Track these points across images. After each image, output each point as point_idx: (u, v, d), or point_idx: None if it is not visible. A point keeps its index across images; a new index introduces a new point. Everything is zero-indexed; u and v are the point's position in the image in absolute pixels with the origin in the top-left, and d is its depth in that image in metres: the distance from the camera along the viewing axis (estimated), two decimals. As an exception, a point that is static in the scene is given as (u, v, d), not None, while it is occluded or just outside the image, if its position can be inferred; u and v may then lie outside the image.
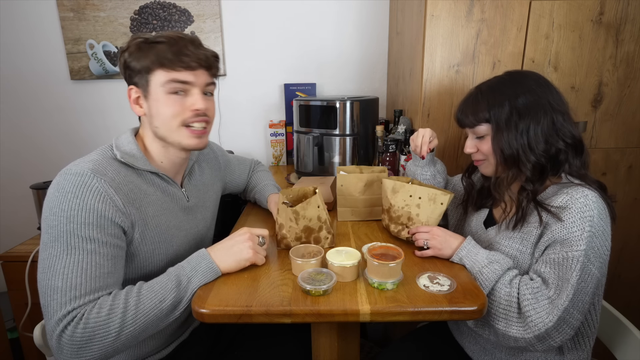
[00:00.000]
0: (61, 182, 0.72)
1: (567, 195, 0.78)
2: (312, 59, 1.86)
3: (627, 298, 1.41)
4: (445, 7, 1.20)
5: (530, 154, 0.81)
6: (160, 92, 0.79)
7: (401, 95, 1.58)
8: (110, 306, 0.69)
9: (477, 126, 0.88)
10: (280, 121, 1.86)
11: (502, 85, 0.86)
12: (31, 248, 1.44)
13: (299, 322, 0.70)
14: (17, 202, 1.96)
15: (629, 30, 1.22)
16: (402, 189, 0.93)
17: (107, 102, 1.87)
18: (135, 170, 0.82)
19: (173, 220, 0.87)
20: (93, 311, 0.68)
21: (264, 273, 0.81)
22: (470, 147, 0.91)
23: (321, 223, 0.90)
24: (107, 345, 0.69)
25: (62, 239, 0.69)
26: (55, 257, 0.69)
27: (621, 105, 1.29)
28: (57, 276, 0.68)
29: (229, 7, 1.80)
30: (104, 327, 0.68)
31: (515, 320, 0.76)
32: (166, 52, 0.78)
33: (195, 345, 0.96)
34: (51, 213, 0.71)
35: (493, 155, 0.87)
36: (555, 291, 0.75)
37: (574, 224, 0.75)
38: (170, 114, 0.80)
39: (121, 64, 0.82)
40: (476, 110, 0.87)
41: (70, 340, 0.67)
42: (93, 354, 0.68)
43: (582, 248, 0.74)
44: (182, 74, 0.79)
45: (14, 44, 1.82)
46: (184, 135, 0.83)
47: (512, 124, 0.82)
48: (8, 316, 1.66)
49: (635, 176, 1.35)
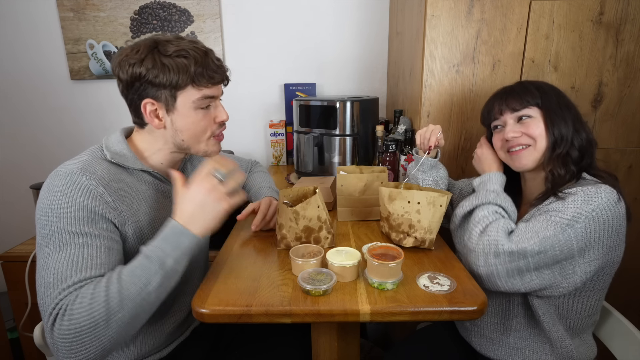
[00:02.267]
0: (51, 183, 0.73)
1: (582, 185, 0.80)
2: (312, 59, 1.86)
3: (627, 298, 1.41)
4: (445, 7, 1.20)
5: (578, 138, 0.87)
6: (189, 107, 0.80)
7: (401, 95, 1.58)
8: (92, 295, 0.65)
9: (525, 108, 0.90)
10: (280, 121, 1.86)
11: (542, 83, 0.94)
12: (31, 248, 1.44)
13: (299, 322, 0.70)
14: (17, 202, 1.97)
15: (629, 30, 1.22)
16: (399, 196, 0.91)
17: (107, 102, 1.87)
18: (125, 169, 0.82)
19: (166, 216, 0.86)
20: (76, 302, 0.65)
21: (264, 273, 0.81)
22: (514, 132, 0.91)
23: (321, 223, 0.90)
24: (99, 337, 0.65)
25: (54, 237, 0.70)
26: (48, 256, 0.69)
27: (621, 105, 1.29)
28: (49, 273, 0.68)
29: (229, 7, 1.80)
30: (88, 317, 0.64)
31: (477, 236, 0.84)
32: (196, 69, 0.78)
33: (196, 345, 0.96)
34: (42, 214, 0.71)
35: (544, 136, 0.88)
36: (520, 233, 0.80)
37: (574, 202, 0.77)
38: (202, 129, 0.84)
39: (132, 75, 0.77)
40: (526, 94, 0.90)
41: (60, 335, 0.64)
42: (88, 348, 0.65)
43: (568, 217, 0.76)
44: (211, 90, 0.82)
45: (14, 44, 1.82)
46: (212, 144, 0.88)
47: (562, 112, 0.88)
48: (8, 316, 1.66)
49: (635, 176, 1.35)
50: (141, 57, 0.76)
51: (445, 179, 1.12)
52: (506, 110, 0.92)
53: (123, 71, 0.77)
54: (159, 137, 0.84)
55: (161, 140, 0.85)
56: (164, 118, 0.81)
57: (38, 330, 0.86)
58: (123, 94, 0.81)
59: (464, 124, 1.30)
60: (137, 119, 0.84)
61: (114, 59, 0.80)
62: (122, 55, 0.78)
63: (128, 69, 0.76)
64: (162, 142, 0.85)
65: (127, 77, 0.77)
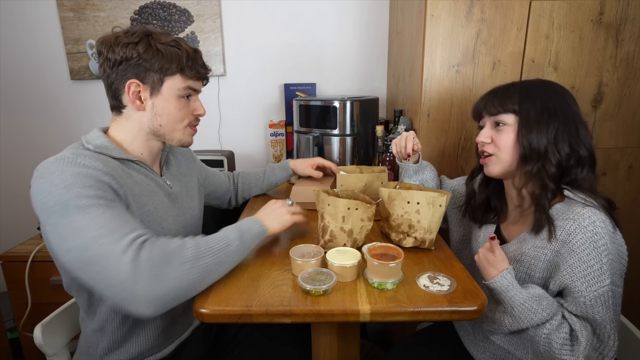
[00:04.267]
0: (42, 170, 0.70)
1: (575, 222, 0.76)
2: (312, 59, 1.86)
3: (627, 298, 1.41)
4: (445, 7, 1.20)
5: (556, 151, 0.80)
6: (173, 94, 0.84)
7: (401, 95, 1.58)
8: (180, 239, 0.71)
9: (501, 114, 0.85)
10: (280, 121, 1.86)
11: (534, 85, 0.86)
12: (31, 248, 1.44)
13: (298, 322, 0.70)
14: (17, 202, 1.97)
15: (629, 30, 1.22)
16: (399, 197, 0.90)
17: (106, 102, 1.85)
18: (113, 158, 0.81)
19: (159, 204, 0.86)
20: (161, 239, 0.69)
21: (264, 273, 0.81)
22: (485, 137, 0.87)
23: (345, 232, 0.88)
24: (184, 271, 0.66)
25: (71, 205, 0.66)
26: (74, 222, 0.65)
27: (621, 105, 1.29)
28: (89, 229, 0.65)
29: (229, 7, 1.80)
30: (178, 249, 0.68)
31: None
32: (187, 61, 0.83)
33: (196, 345, 0.96)
34: (46, 194, 0.67)
35: (509, 150, 0.84)
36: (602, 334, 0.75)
37: (590, 257, 0.74)
38: (181, 117, 0.87)
39: (124, 55, 0.79)
40: (505, 99, 0.84)
41: (150, 260, 0.64)
42: (171, 278, 0.65)
43: (607, 282, 0.74)
44: (195, 83, 0.88)
45: (14, 44, 1.82)
46: (188, 133, 0.91)
47: (542, 121, 0.81)
48: (8, 316, 1.66)
49: (635, 176, 1.35)
50: (135, 40, 0.79)
51: (432, 180, 1.12)
52: (485, 113, 0.89)
53: (113, 51, 0.79)
54: (134, 122, 0.85)
55: (137, 125, 0.85)
56: (146, 101, 0.83)
57: (38, 331, 0.86)
58: (104, 73, 0.83)
59: (464, 124, 1.30)
60: (115, 101, 0.85)
61: (100, 39, 0.81)
62: (112, 36, 0.80)
63: (120, 49, 0.79)
64: (137, 126, 0.85)
65: (116, 57, 0.79)
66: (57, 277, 1.42)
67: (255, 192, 1.30)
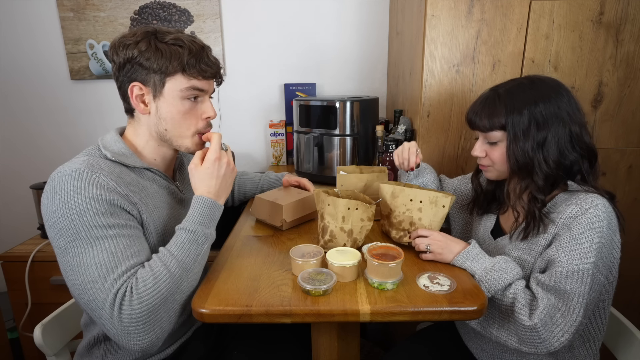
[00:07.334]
0: (58, 183, 0.71)
1: (577, 206, 0.77)
2: (312, 59, 1.86)
3: (627, 298, 1.41)
4: (445, 7, 1.20)
5: (544, 164, 0.80)
6: (176, 96, 0.80)
7: (401, 95, 1.58)
8: (153, 274, 0.69)
9: (491, 132, 0.85)
10: (280, 121, 1.86)
11: (521, 91, 0.83)
12: (31, 248, 1.44)
13: (298, 322, 0.70)
14: (17, 202, 1.96)
15: (629, 30, 1.22)
16: (402, 194, 0.91)
17: (106, 102, 1.87)
18: (128, 167, 0.82)
19: (172, 213, 0.87)
20: (139, 284, 0.67)
21: (264, 273, 0.81)
22: (480, 152, 0.89)
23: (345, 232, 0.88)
24: (168, 310, 0.69)
25: (81, 234, 0.68)
26: (81, 254, 0.68)
27: (621, 105, 1.29)
28: (90, 269, 0.67)
29: (229, 7, 1.80)
30: (157, 294, 0.68)
31: (529, 336, 0.75)
32: (189, 59, 0.78)
33: (197, 345, 0.96)
34: (59, 216, 0.69)
35: (503, 163, 0.86)
36: (567, 307, 0.74)
37: (583, 236, 0.75)
38: (187, 124, 0.83)
39: (124, 58, 0.78)
40: (492, 115, 0.83)
41: (132, 318, 0.66)
42: (159, 324, 0.69)
43: (592, 260, 0.74)
44: (200, 83, 0.82)
45: (14, 44, 1.82)
46: (196, 142, 0.86)
47: (529, 134, 0.80)
48: (8, 316, 1.66)
49: (635, 176, 1.35)
50: (137, 40, 0.77)
51: (432, 183, 1.12)
52: (475, 127, 0.89)
53: (117, 53, 0.78)
54: (144, 125, 0.84)
55: (146, 129, 0.84)
56: (150, 104, 0.81)
57: (38, 331, 0.86)
58: (115, 76, 0.82)
59: (464, 124, 1.30)
60: (126, 104, 0.84)
61: (111, 42, 0.81)
62: (118, 38, 0.79)
63: (122, 50, 0.78)
64: (147, 131, 0.85)
65: (120, 59, 0.78)
66: (57, 277, 1.42)
67: (250, 195, 1.30)
